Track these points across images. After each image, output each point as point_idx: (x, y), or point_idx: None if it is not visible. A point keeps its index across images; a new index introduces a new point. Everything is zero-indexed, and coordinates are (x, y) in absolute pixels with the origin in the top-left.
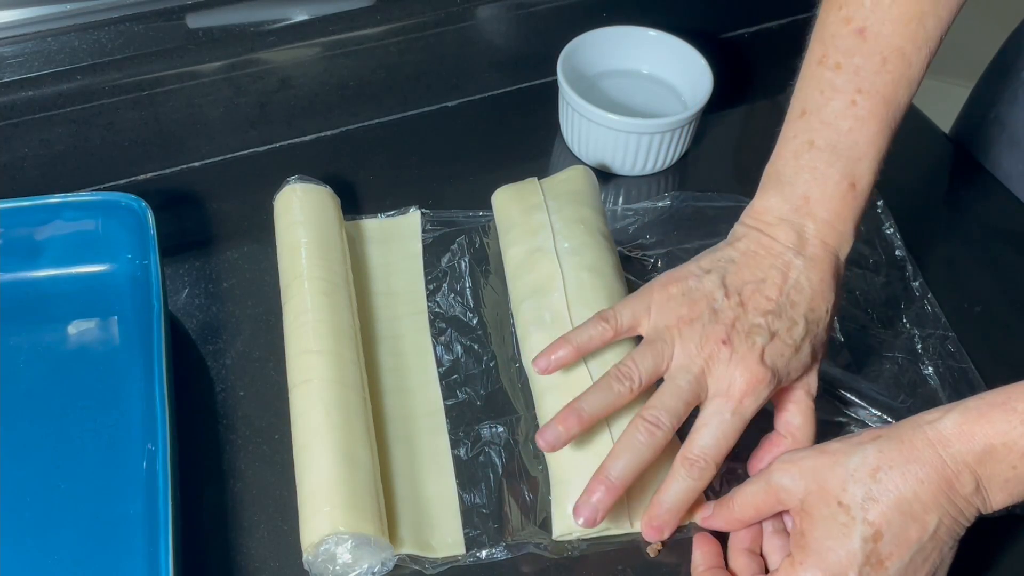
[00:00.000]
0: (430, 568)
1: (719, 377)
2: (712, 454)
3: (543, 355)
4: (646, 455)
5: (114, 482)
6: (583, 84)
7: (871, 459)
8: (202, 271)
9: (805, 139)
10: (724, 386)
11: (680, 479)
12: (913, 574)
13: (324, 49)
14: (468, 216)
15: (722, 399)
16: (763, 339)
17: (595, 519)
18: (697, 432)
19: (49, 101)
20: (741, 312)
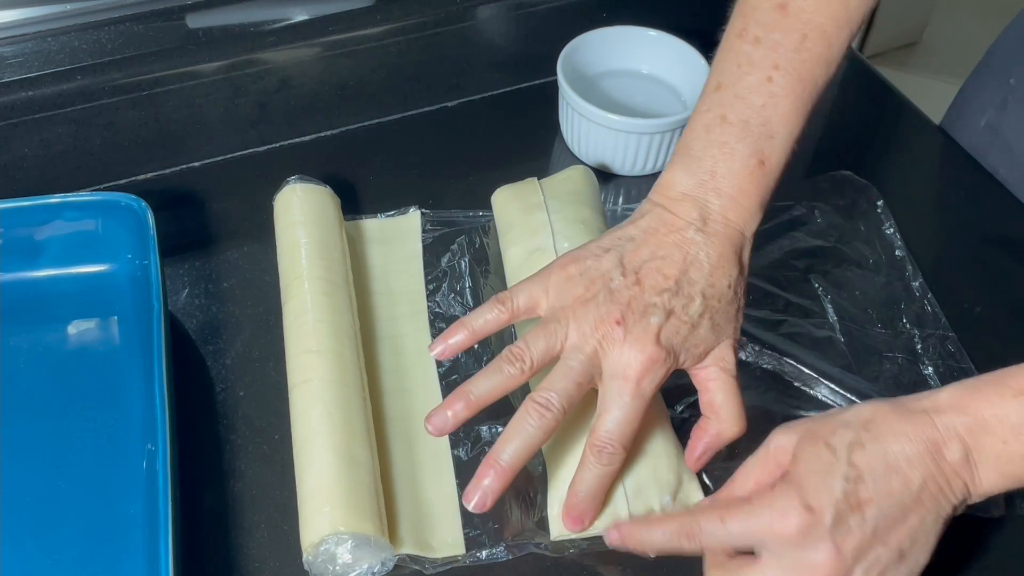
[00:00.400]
0: (430, 568)
1: (614, 358)
2: (617, 438)
3: (439, 339)
4: (536, 438)
5: (114, 482)
6: (583, 84)
7: (865, 413)
8: (202, 271)
9: (717, 113)
10: (620, 367)
11: (590, 467)
12: (890, 529)
13: (324, 49)
14: (468, 216)
15: (620, 381)
16: (658, 318)
17: (485, 503)
18: (600, 418)
19: (49, 101)
20: (638, 291)
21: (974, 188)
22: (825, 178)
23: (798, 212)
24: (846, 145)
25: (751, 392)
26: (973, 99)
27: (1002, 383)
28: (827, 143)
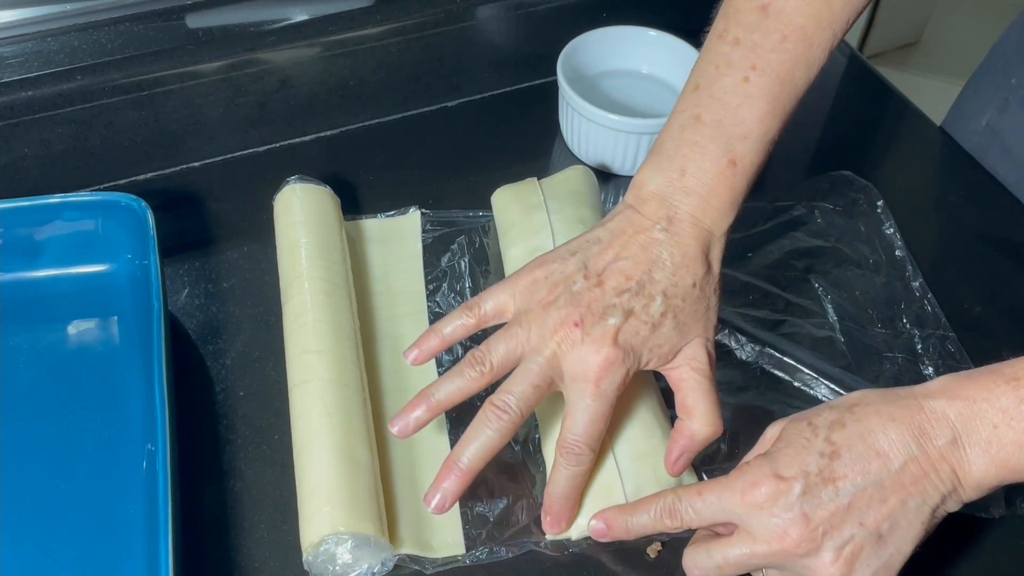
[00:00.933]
0: (430, 568)
1: (573, 360)
2: (584, 439)
3: (413, 346)
4: (494, 440)
5: (114, 482)
6: (583, 84)
7: (853, 398)
8: (202, 271)
9: (692, 113)
10: (580, 369)
11: (561, 468)
12: (866, 508)
13: (324, 49)
14: (468, 216)
15: (581, 383)
16: (617, 319)
17: (444, 505)
18: (566, 420)
19: (49, 101)
20: (599, 293)
21: (974, 188)
22: (825, 178)
23: (798, 212)
24: (846, 145)
25: (751, 392)
26: (974, 99)
27: (996, 371)
28: (827, 143)
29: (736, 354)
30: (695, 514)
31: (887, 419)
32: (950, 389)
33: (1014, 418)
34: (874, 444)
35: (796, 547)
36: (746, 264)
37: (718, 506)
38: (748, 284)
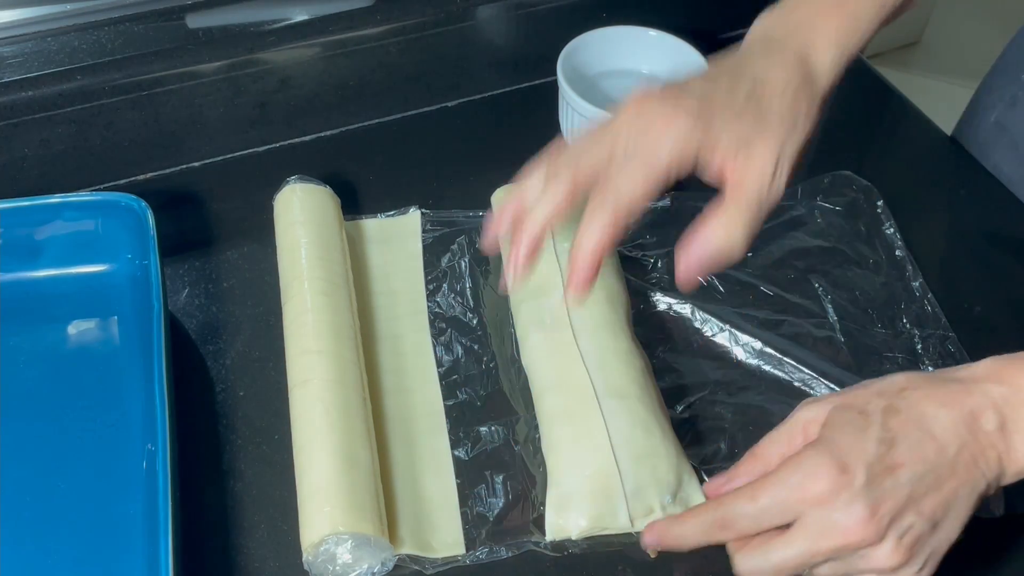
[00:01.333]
0: (430, 568)
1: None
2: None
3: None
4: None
5: (114, 482)
6: (583, 84)
7: (900, 381)
8: (202, 271)
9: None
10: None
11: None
12: (924, 496)
13: (324, 49)
14: (468, 216)
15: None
16: (696, 92)
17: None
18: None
19: (49, 101)
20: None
21: (974, 188)
22: (825, 178)
23: (798, 212)
24: (846, 145)
25: (751, 392)
26: (986, 96)
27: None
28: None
29: (736, 354)
30: (750, 521)
31: (939, 404)
32: (996, 374)
33: None
34: (929, 430)
35: (861, 540)
36: (746, 264)
37: (774, 506)
38: (748, 284)
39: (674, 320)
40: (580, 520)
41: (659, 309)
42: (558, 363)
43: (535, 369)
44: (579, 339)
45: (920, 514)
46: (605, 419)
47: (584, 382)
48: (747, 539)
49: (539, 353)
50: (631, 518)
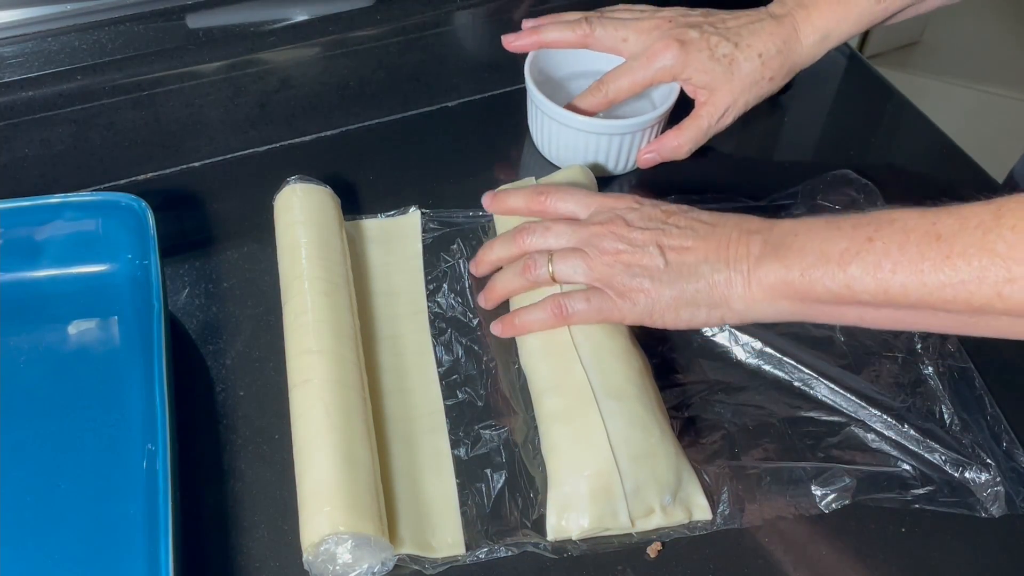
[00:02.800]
0: (430, 568)
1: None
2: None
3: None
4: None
5: (114, 482)
6: (551, 87)
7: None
8: (202, 271)
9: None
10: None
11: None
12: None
13: (324, 49)
14: (468, 216)
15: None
16: (693, 33)
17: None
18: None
19: (49, 101)
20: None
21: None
22: (825, 177)
23: (798, 212)
24: (846, 145)
25: (751, 392)
26: None
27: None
28: (827, 143)
29: (736, 354)
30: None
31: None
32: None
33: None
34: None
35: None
36: None
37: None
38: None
39: None
40: (580, 520)
41: None
42: (556, 364)
43: (534, 370)
44: (577, 340)
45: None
46: (604, 419)
47: (583, 383)
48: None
49: (538, 354)
50: (631, 518)
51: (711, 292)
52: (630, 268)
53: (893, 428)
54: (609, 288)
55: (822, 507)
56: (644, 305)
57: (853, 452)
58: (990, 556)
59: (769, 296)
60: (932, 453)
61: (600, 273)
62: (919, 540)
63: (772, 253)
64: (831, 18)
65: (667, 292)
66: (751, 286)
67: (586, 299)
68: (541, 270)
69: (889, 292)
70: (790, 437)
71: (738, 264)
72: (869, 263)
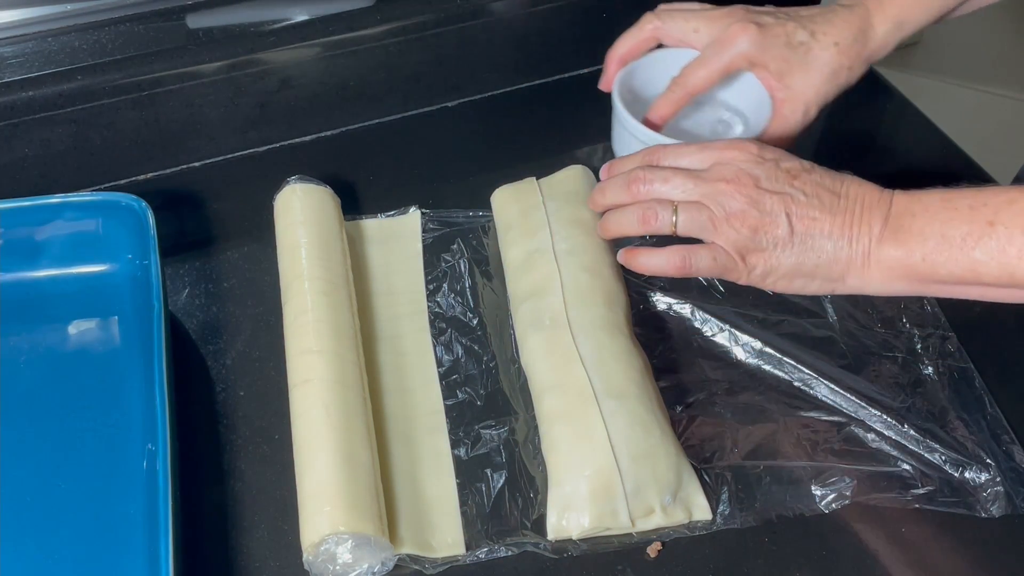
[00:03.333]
0: (430, 568)
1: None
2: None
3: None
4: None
5: (114, 482)
6: (639, 106)
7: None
8: (202, 271)
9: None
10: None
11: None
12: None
13: (324, 49)
14: (468, 216)
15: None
16: (769, 21)
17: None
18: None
19: (49, 101)
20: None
21: None
22: None
23: None
24: (846, 145)
25: (751, 392)
26: None
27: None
28: (827, 143)
29: (736, 354)
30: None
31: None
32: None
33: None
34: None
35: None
36: None
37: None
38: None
39: (674, 320)
40: (581, 520)
41: (659, 309)
42: (557, 364)
43: (534, 370)
44: (578, 339)
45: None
46: (604, 419)
47: (583, 382)
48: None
49: (538, 354)
50: (631, 518)
51: (831, 267)
52: (756, 234)
53: (893, 428)
54: (733, 250)
55: (822, 507)
56: (761, 271)
57: (853, 452)
58: (990, 556)
59: (887, 277)
60: (932, 453)
61: (726, 235)
62: (919, 540)
63: (892, 237)
64: (904, 6)
65: (788, 261)
66: (869, 265)
67: (712, 257)
68: (663, 221)
69: (1015, 276)
70: (790, 437)
71: (859, 242)
72: (993, 248)
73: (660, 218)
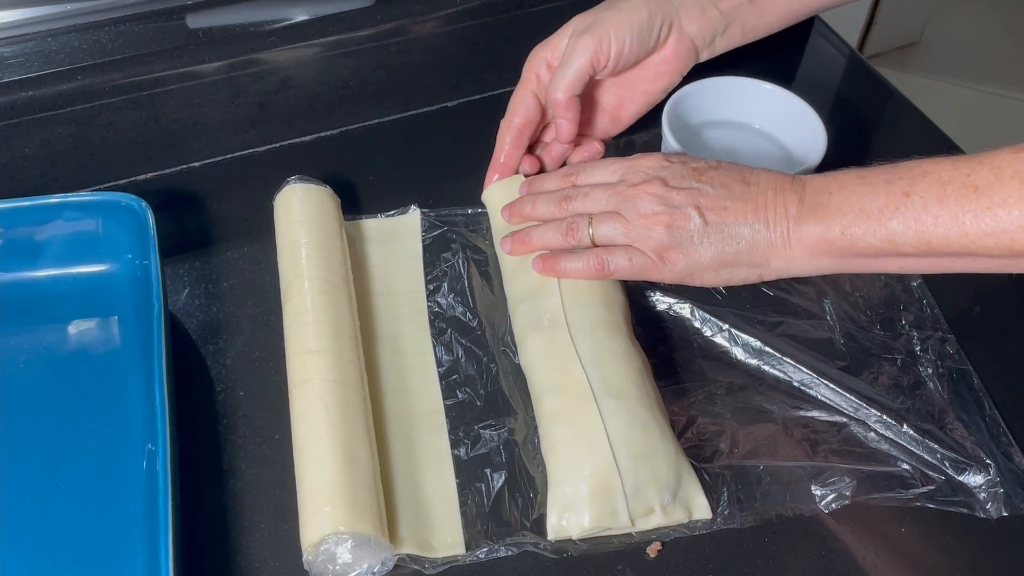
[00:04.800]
0: (430, 568)
1: None
2: None
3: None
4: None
5: (114, 482)
6: (687, 132)
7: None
8: (202, 271)
9: None
10: None
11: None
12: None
13: (324, 49)
14: (468, 216)
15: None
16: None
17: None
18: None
19: (49, 101)
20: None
21: None
22: None
23: None
24: (846, 145)
25: (751, 392)
26: None
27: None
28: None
29: (736, 354)
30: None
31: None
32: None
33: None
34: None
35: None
36: None
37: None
38: (748, 284)
39: (673, 320)
40: (580, 520)
41: (659, 309)
42: (556, 364)
43: (533, 370)
44: (576, 340)
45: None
46: (604, 419)
47: (582, 382)
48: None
49: (537, 354)
50: (631, 518)
51: (752, 252)
52: (670, 230)
53: (893, 428)
54: (649, 251)
55: (822, 507)
56: (684, 266)
57: (853, 452)
58: (990, 556)
59: (809, 254)
60: (932, 453)
61: (639, 236)
62: (919, 540)
63: (810, 213)
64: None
65: (707, 253)
66: (791, 245)
67: (628, 257)
68: (581, 233)
69: (932, 243)
70: (790, 437)
71: (777, 224)
72: (909, 218)
73: (579, 229)
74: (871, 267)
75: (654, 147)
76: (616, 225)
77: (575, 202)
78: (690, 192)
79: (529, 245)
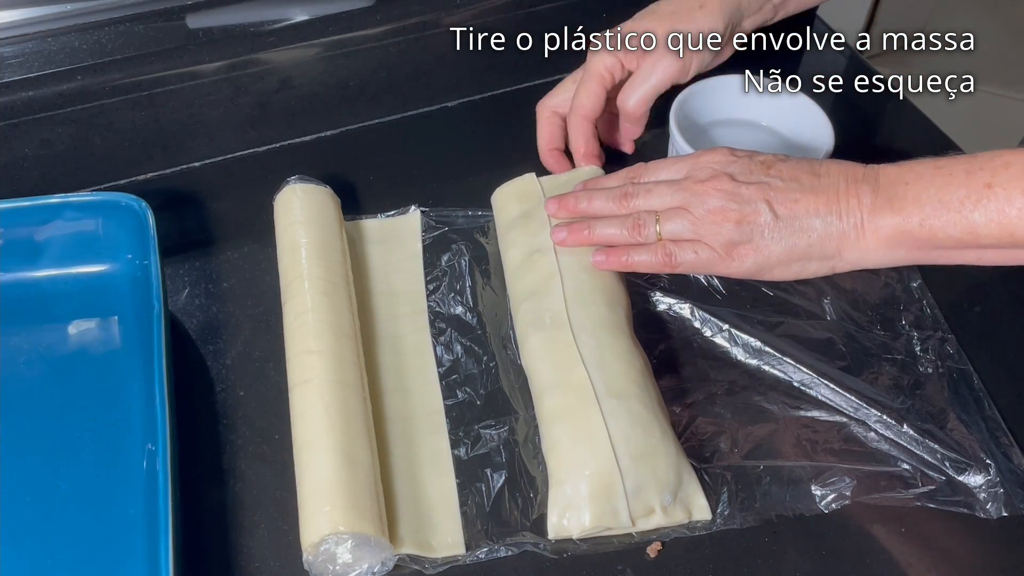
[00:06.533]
0: (430, 568)
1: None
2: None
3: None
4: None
5: (114, 482)
6: (694, 132)
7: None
8: (202, 271)
9: None
10: None
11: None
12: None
13: (324, 49)
14: (468, 216)
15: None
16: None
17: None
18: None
19: (49, 101)
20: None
21: None
22: None
23: None
24: (846, 145)
25: (751, 392)
26: None
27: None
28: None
29: (736, 354)
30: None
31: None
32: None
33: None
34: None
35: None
36: None
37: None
38: (748, 285)
39: (674, 320)
40: (581, 520)
41: (659, 309)
42: (557, 363)
43: (535, 369)
44: (578, 339)
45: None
46: (605, 419)
47: (584, 382)
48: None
49: (539, 353)
50: (632, 518)
51: (824, 245)
52: (739, 226)
53: (893, 428)
54: (718, 246)
55: (822, 507)
56: (752, 262)
57: (853, 452)
58: (990, 556)
59: (885, 245)
60: (932, 453)
61: (708, 232)
62: (919, 540)
63: (886, 204)
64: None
65: (778, 248)
66: (865, 236)
67: (695, 251)
68: (649, 230)
69: (1015, 235)
70: (790, 437)
71: (850, 215)
72: (992, 209)
73: (646, 226)
74: (949, 258)
75: (660, 145)
76: (684, 222)
77: (637, 199)
78: (759, 187)
79: (589, 238)
